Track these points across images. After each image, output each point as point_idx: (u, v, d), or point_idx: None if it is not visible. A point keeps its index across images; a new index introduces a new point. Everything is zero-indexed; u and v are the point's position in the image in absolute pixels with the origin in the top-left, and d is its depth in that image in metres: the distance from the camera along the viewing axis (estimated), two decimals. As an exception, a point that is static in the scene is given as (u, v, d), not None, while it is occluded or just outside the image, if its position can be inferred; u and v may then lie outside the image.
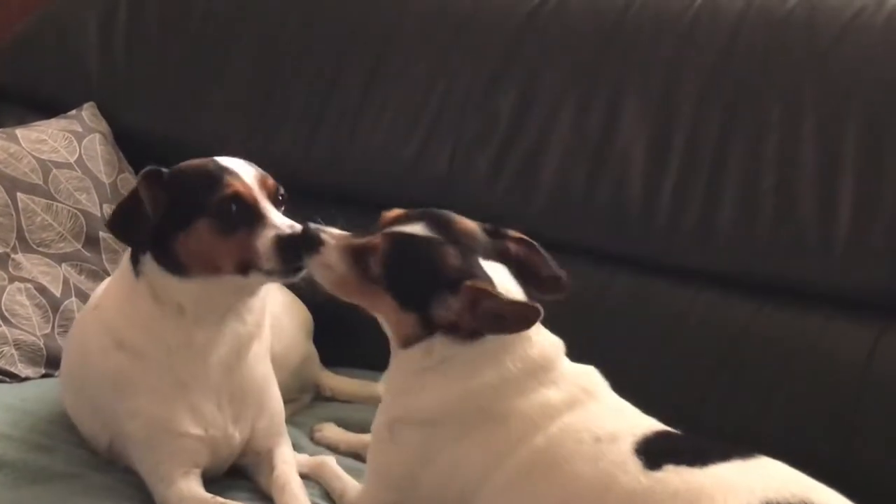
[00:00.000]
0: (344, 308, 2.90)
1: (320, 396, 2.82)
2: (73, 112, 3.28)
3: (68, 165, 3.09)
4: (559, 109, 2.79)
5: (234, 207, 2.10)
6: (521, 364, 2.01)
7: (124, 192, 3.16)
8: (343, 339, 2.94)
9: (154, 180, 2.15)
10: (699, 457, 1.86)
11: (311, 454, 2.44)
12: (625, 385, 2.10)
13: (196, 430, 2.21)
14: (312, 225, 2.07)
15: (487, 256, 2.04)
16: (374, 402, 2.69)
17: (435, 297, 1.97)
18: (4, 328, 2.73)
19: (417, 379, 2.04)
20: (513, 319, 1.95)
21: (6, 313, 2.76)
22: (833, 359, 2.51)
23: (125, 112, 3.34)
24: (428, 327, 2.00)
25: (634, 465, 1.87)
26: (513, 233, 2.11)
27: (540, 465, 1.95)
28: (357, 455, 2.49)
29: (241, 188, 2.12)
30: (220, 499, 2.15)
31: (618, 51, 2.77)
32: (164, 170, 2.18)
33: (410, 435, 2.06)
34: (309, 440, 2.57)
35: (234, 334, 2.23)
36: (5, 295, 2.78)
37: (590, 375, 2.08)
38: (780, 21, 2.63)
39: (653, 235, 2.68)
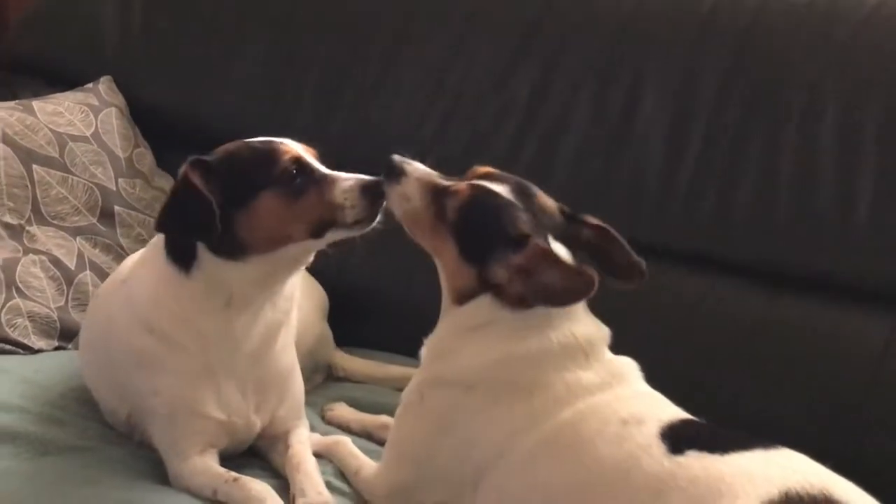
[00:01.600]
0: (358, 289, 2.94)
1: (332, 376, 2.82)
2: (90, 85, 3.27)
3: (84, 139, 3.09)
4: (577, 93, 2.78)
5: (296, 173, 2.12)
6: (564, 340, 2.03)
7: (140, 167, 3.17)
8: (356, 319, 2.95)
9: (202, 168, 2.13)
10: (722, 445, 1.87)
11: (322, 434, 2.44)
12: (637, 373, 2.11)
13: (219, 415, 2.22)
14: (396, 156, 2.12)
15: (558, 237, 2.06)
16: (386, 383, 2.74)
17: (496, 254, 1.99)
18: (18, 300, 2.73)
19: (459, 340, 2.07)
20: (565, 288, 1.96)
21: (20, 285, 2.76)
22: (848, 350, 2.50)
23: (141, 86, 3.33)
24: (481, 284, 2.03)
25: (658, 448, 1.89)
26: (590, 219, 2.13)
27: (562, 440, 1.97)
28: (369, 435, 2.50)
29: (297, 153, 2.14)
30: (234, 474, 2.15)
31: (637, 36, 2.75)
32: (207, 157, 2.16)
33: (440, 397, 2.09)
34: (321, 419, 2.57)
35: (267, 322, 2.23)
36: (20, 266, 2.78)
37: (625, 364, 2.10)
38: (802, 9, 2.62)
39: (669, 222, 2.67)
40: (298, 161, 2.14)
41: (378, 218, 2.15)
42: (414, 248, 2.59)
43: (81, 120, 3.12)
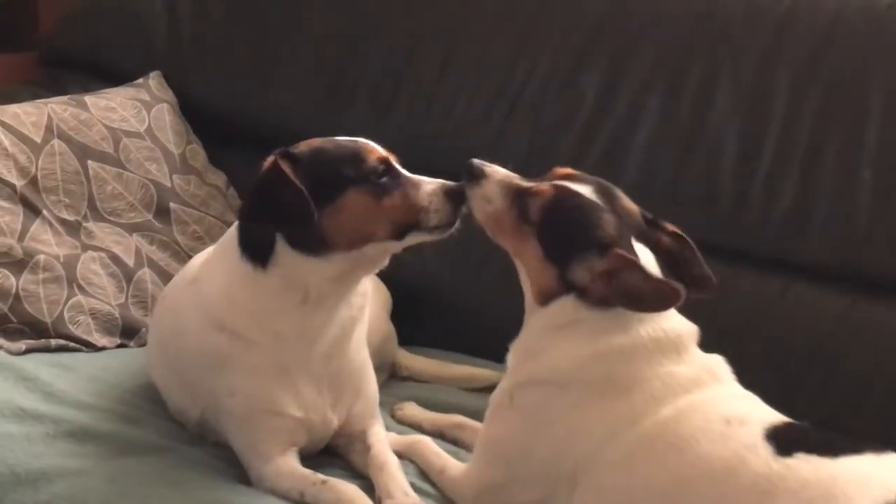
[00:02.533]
0: (420, 289, 2.92)
1: (395, 375, 2.81)
2: (140, 81, 3.24)
3: (138, 135, 3.06)
4: (647, 94, 2.76)
5: (383, 173, 2.12)
6: (653, 334, 2.02)
7: (193, 163, 3.15)
8: (417, 319, 2.92)
9: (291, 160, 2.11)
10: (831, 448, 1.86)
11: (397, 433, 2.42)
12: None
13: (296, 412, 2.20)
14: (476, 160, 2.12)
15: (639, 240, 2.06)
16: (451, 383, 2.75)
17: (580, 257, 2.00)
18: (80, 297, 2.71)
19: (546, 339, 2.06)
20: (651, 297, 1.96)
21: (81, 282, 2.73)
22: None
23: (190, 82, 3.30)
24: (563, 284, 2.03)
25: (765, 449, 1.88)
26: (669, 226, 2.13)
27: (664, 438, 1.96)
28: (441, 434, 2.48)
29: (384, 154, 2.15)
30: (321, 476, 2.13)
31: (710, 35, 2.73)
32: (293, 150, 2.14)
33: (531, 397, 2.07)
34: (391, 418, 2.55)
35: (342, 320, 2.21)
36: (80, 263, 2.76)
37: (717, 361, 2.09)
38: (882, 9, 2.61)
39: (744, 224, 2.65)
40: (385, 161, 2.15)
41: (457, 224, 2.16)
42: (478, 250, 2.58)
43: (134, 115, 3.10)
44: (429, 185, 2.13)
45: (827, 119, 2.60)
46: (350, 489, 2.09)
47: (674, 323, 2.07)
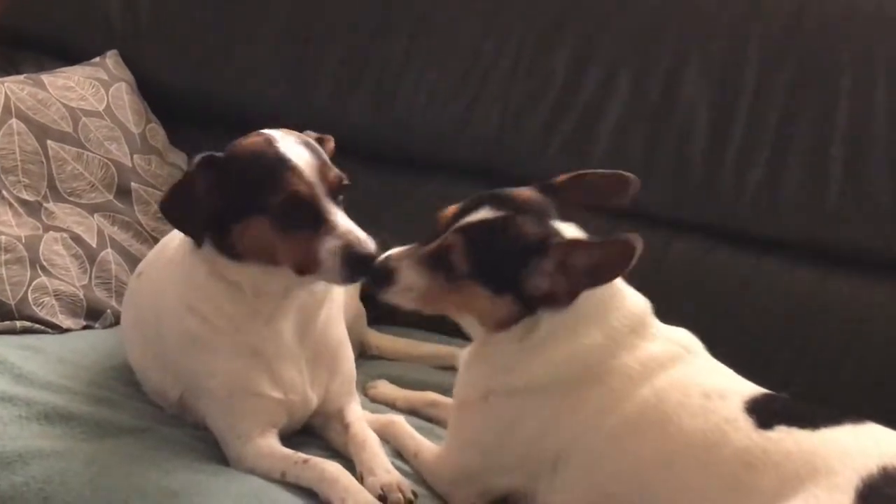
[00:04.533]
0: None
1: (365, 354, 2.80)
2: (97, 59, 3.19)
3: (97, 114, 3.01)
4: (617, 71, 2.76)
5: (294, 209, 2.03)
6: (625, 319, 2.03)
7: (153, 142, 3.11)
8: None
9: (209, 167, 2.07)
10: (810, 419, 1.87)
11: (370, 411, 2.41)
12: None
13: (276, 394, 2.18)
14: (378, 260, 2.02)
15: (554, 217, 2.03)
16: (422, 362, 2.74)
17: (527, 269, 1.97)
18: (44, 278, 2.66)
19: (520, 354, 2.04)
20: (610, 261, 1.93)
21: (45, 263, 2.69)
22: (900, 327, 2.53)
23: (147, 62, 3.23)
24: (524, 305, 2.00)
25: (745, 422, 1.88)
26: (559, 178, 2.10)
27: (646, 418, 1.96)
28: (415, 412, 2.47)
29: (302, 189, 2.02)
30: (302, 455, 2.11)
31: (681, 11, 2.74)
32: (219, 154, 2.08)
33: (508, 403, 2.06)
34: (363, 396, 2.54)
35: (301, 304, 2.18)
36: (42, 244, 2.71)
37: (687, 335, 2.10)
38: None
39: (715, 201, 2.67)
40: (298, 197, 2.02)
41: (357, 282, 2.11)
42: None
43: (93, 94, 3.05)
44: (335, 241, 2.00)
45: (797, 95, 2.62)
46: (332, 467, 2.07)
47: (634, 301, 2.08)
